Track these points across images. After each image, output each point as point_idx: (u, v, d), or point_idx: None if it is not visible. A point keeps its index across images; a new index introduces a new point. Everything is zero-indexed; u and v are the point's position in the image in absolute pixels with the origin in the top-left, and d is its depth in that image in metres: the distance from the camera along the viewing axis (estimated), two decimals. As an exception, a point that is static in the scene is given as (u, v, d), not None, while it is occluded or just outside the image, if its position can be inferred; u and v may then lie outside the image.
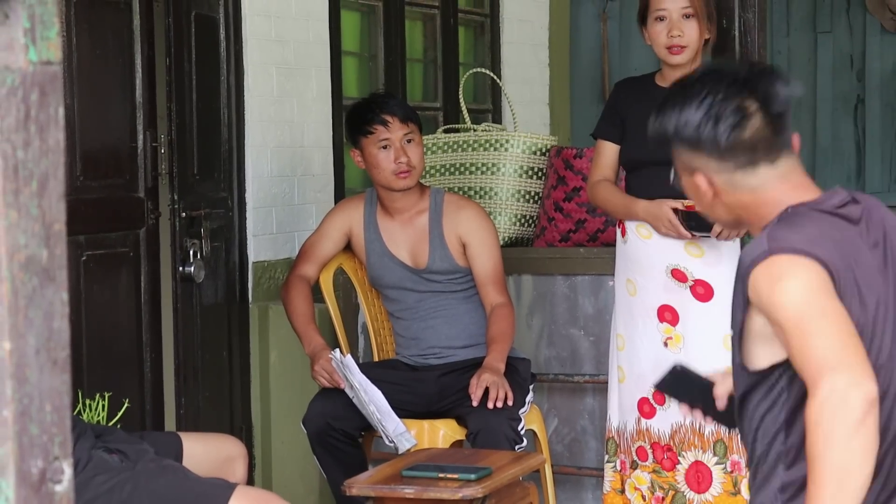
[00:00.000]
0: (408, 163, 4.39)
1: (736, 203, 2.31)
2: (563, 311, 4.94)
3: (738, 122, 2.24)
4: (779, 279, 2.15)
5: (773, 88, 2.26)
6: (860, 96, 7.90)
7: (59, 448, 1.90)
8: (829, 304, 2.13)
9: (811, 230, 2.20)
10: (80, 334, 4.21)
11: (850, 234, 2.24)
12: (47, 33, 1.78)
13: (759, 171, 2.27)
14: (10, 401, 1.80)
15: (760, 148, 2.26)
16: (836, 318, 2.12)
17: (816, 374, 2.07)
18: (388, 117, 4.41)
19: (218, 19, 4.91)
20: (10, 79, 1.81)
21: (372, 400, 4.19)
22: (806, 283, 2.14)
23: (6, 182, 1.80)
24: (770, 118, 2.26)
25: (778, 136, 2.27)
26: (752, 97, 2.25)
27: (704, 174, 2.30)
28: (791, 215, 2.25)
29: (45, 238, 1.84)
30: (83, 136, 4.29)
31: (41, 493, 1.83)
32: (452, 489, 3.50)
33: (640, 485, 4.16)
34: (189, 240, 4.71)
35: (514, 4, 6.71)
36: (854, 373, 2.06)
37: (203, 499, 3.24)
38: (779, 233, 2.20)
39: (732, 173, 2.28)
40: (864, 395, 2.04)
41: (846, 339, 2.10)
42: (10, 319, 1.80)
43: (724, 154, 2.26)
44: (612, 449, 4.23)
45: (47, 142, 1.84)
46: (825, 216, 2.25)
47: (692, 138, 2.28)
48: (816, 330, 2.11)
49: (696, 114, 2.26)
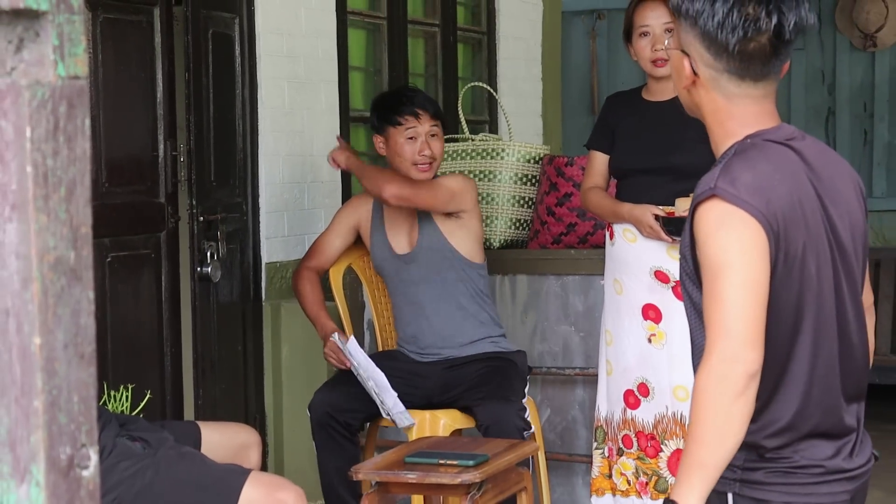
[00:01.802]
0: (430, 156, 4.39)
1: (708, 101, 2.24)
2: (556, 308, 4.94)
3: (748, 35, 2.17)
4: (716, 229, 2.11)
5: (795, 14, 2.18)
6: (831, 108, 7.90)
7: (86, 436, 1.90)
8: (749, 268, 2.08)
9: (763, 166, 2.15)
10: (106, 330, 4.21)
11: (797, 166, 2.20)
12: (75, 50, 1.78)
13: (744, 83, 2.21)
14: (41, 392, 1.80)
15: (755, 64, 2.20)
16: (749, 286, 2.08)
17: (713, 335, 2.09)
18: (420, 110, 4.41)
19: (233, 37, 4.91)
20: (41, 92, 1.81)
21: (371, 377, 4.19)
22: (736, 242, 2.09)
23: (36, 188, 1.80)
24: (776, 42, 2.19)
25: (775, 59, 2.21)
26: (773, 14, 2.17)
27: (694, 60, 2.23)
28: (748, 147, 2.19)
29: (73, 240, 1.84)
30: (108, 146, 4.30)
31: (69, 477, 1.83)
32: (452, 475, 3.50)
33: (625, 470, 4.17)
34: (206, 242, 4.71)
35: (510, 23, 6.71)
36: (744, 346, 2.06)
37: (220, 483, 3.23)
38: (732, 169, 2.14)
39: (720, 73, 2.21)
40: (746, 370, 2.06)
41: (750, 310, 2.08)
42: (40, 316, 1.80)
43: (723, 55, 2.19)
44: (601, 437, 4.24)
45: (75, 151, 1.84)
46: (778, 146, 2.20)
47: (703, 27, 2.19)
48: (727, 293, 2.08)
49: (721, 8, 2.17)
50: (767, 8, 2.17)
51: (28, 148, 1.75)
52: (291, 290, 5.09)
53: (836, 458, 2.22)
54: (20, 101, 1.74)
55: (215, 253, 4.72)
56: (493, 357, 4.41)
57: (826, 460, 2.20)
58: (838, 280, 2.21)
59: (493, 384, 4.25)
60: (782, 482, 2.18)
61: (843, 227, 2.22)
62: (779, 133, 2.22)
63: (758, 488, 2.19)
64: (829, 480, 2.20)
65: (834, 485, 2.21)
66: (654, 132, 4.07)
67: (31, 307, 1.76)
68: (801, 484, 2.19)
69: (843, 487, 2.22)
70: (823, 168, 2.24)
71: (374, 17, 5.87)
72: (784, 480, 2.18)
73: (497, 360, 4.39)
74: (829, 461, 2.20)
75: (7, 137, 1.77)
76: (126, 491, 3.21)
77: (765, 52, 2.19)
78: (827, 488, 2.20)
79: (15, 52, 1.75)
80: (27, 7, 1.73)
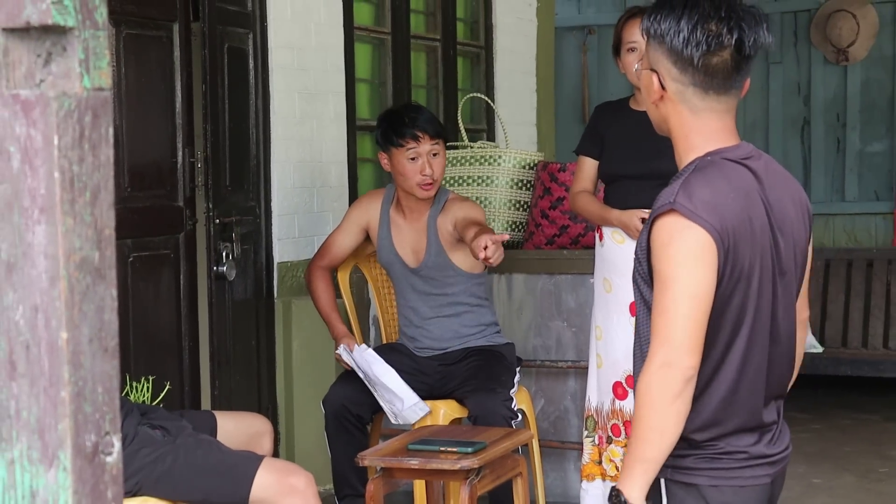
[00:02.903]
0: (431, 175, 4.34)
1: (674, 114, 2.25)
2: (549, 305, 4.94)
3: (711, 49, 2.18)
4: (670, 240, 2.13)
5: (754, 32, 2.19)
6: (806, 118, 7.89)
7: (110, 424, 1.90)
8: (696, 282, 2.11)
9: (720, 183, 2.16)
10: (128, 325, 4.21)
11: (751, 186, 2.21)
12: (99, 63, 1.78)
13: (708, 97, 2.21)
14: (67, 383, 1.80)
15: (718, 77, 2.20)
16: (693, 299, 2.11)
17: (657, 342, 2.13)
18: (420, 133, 4.35)
19: (247, 51, 4.91)
20: (67, 103, 1.81)
21: (380, 381, 4.18)
22: (687, 256, 2.12)
23: (63, 193, 1.80)
24: (738, 57, 2.20)
25: (736, 74, 2.21)
26: (734, 31, 2.18)
27: (661, 76, 2.24)
28: (707, 164, 2.20)
29: (97, 242, 1.84)
30: (130, 153, 4.30)
31: (94, 463, 1.83)
32: (452, 461, 3.50)
33: (614, 457, 4.16)
34: (222, 243, 4.71)
35: (506, 38, 6.71)
36: (683, 354, 2.11)
37: (235, 469, 3.24)
38: (690, 185, 2.16)
39: (686, 87, 2.21)
40: (683, 375, 2.11)
41: (691, 321, 2.11)
42: (67, 313, 1.80)
43: (688, 70, 2.20)
44: (591, 425, 4.23)
45: (99, 158, 1.84)
46: (735, 165, 2.21)
47: (670, 44, 2.21)
48: (673, 304, 2.11)
49: (685, 24, 2.19)
50: (728, 25, 2.18)
51: (56, 155, 1.75)
52: (302, 288, 5.10)
53: (759, 444, 2.25)
54: (48, 111, 1.74)
55: (230, 253, 4.72)
56: (483, 350, 4.42)
57: (749, 447, 2.24)
58: (776, 295, 2.24)
59: (482, 377, 4.25)
60: (709, 467, 2.22)
61: (786, 246, 2.25)
62: (737, 152, 2.24)
63: (687, 473, 2.22)
64: (752, 465, 2.24)
65: (756, 469, 2.25)
66: (640, 140, 4.06)
67: (58, 304, 1.77)
68: (727, 469, 2.22)
69: (764, 472, 2.26)
70: (774, 188, 2.26)
71: (379, 33, 5.87)
72: (711, 465, 2.22)
73: (486, 354, 4.40)
74: (752, 447, 2.24)
75: (36, 145, 1.77)
76: (147, 476, 3.21)
77: (727, 66, 2.20)
78: (750, 472, 2.24)
79: (43, 65, 1.75)
80: (55, 23, 1.73)
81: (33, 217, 1.75)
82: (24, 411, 1.79)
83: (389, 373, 4.20)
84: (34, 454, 1.80)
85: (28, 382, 1.78)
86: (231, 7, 4.79)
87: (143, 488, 3.20)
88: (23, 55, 1.72)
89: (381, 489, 3.60)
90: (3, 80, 1.73)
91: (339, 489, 4.32)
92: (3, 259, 1.77)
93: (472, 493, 3.50)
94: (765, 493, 2.26)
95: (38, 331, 1.76)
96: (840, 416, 6.45)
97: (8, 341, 1.79)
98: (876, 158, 7.73)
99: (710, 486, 2.21)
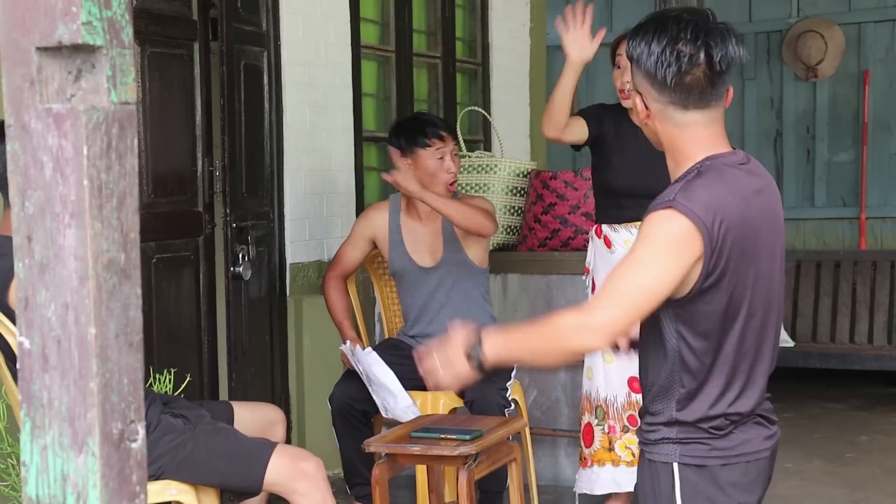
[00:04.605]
0: (455, 174, 4.36)
1: (663, 131, 2.23)
2: (542, 303, 4.94)
3: (683, 69, 2.16)
4: (655, 230, 2.10)
5: (723, 48, 2.17)
6: (779, 131, 7.90)
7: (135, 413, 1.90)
8: (661, 275, 2.08)
9: (719, 187, 2.14)
10: (151, 322, 4.21)
11: (748, 190, 2.19)
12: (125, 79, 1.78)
13: (689, 112, 2.19)
14: (95, 375, 1.80)
15: (694, 94, 2.18)
16: (650, 292, 2.07)
17: (597, 303, 2.09)
18: (444, 133, 4.36)
19: (262, 68, 4.91)
20: (96, 116, 1.81)
21: (378, 381, 4.16)
22: (665, 240, 2.09)
23: (92, 199, 1.79)
24: (711, 73, 2.17)
25: (713, 89, 2.18)
26: (704, 49, 2.16)
27: (644, 97, 2.22)
28: (707, 169, 2.17)
29: (123, 244, 1.84)
30: (154, 162, 4.29)
31: (120, 449, 1.83)
32: (451, 447, 3.50)
33: (630, 444, 4.12)
34: (238, 245, 4.70)
35: (501, 56, 6.71)
36: (602, 336, 2.07)
37: (250, 454, 3.23)
38: (692, 187, 2.14)
39: (666, 106, 2.19)
40: (586, 348, 2.11)
41: (635, 311, 2.08)
42: (95, 310, 1.80)
43: (665, 90, 2.18)
44: (601, 415, 4.17)
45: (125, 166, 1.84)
46: (733, 170, 2.19)
47: (644, 67, 2.19)
48: (632, 285, 2.08)
49: (656, 48, 2.17)
50: (696, 44, 2.15)
51: (85, 164, 1.75)
52: (312, 287, 5.10)
53: (758, 425, 2.25)
54: (78, 124, 1.74)
55: (246, 255, 4.72)
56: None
57: (750, 427, 2.23)
58: (772, 289, 2.23)
59: None
60: (717, 448, 2.20)
61: (777, 243, 2.25)
62: (733, 158, 2.22)
63: (697, 457, 2.20)
64: (754, 443, 2.23)
65: (758, 444, 2.24)
66: (640, 155, 3.93)
67: (87, 302, 1.76)
68: (732, 448, 2.21)
69: (764, 446, 2.25)
70: (764, 190, 2.25)
71: (383, 51, 5.87)
72: (718, 447, 2.21)
73: None
74: (752, 428, 2.24)
75: (67, 155, 1.77)
76: (169, 461, 3.21)
77: (701, 83, 2.17)
78: (752, 448, 2.23)
79: (74, 81, 1.75)
80: (85, 43, 1.73)
81: (64, 221, 1.75)
82: (55, 401, 1.78)
83: (388, 374, 4.19)
84: (65, 440, 1.80)
85: (59, 374, 1.78)
86: (247, 27, 4.79)
87: (166, 472, 3.20)
88: (55, 72, 1.72)
89: (386, 473, 3.60)
90: (36, 95, 1.73)
91: (350, 478, 4.32)
92: (36, 260, 1.77)
93: (470, 477, 3.50)
94: (766, 467, 2.26)
95: (68, 326, 1.76)
96: (810, 406, 6.45)
97: (41, 336, 1.79)
98: (843, 168, 7.73)
99: (720, 465, 2.20)
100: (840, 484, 4.96)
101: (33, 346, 1.81)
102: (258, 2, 4.89)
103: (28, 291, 1.79)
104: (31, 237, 1.77)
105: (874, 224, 7.60)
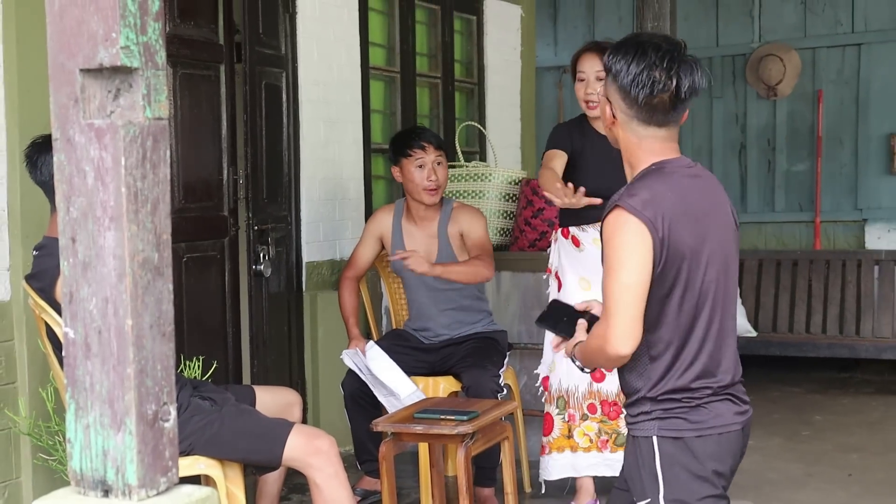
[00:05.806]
0: (436, 181, 4.29)
1: (623, 138, 2.28)
2: (531, 297, 4.93)
3: (654, 92, 2.20)
4: (614, 233, 2.17)
5: (690, 79, 2.21)
6: (743, 144, 7.90)
7: (167, 396, 1.90)
8: (635, 271, 2.15)
9: (658, 186, 2.19)
10: (182, 314, 4.20)
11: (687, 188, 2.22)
12: (159, 97, 1.78)
13: (650, 128, 2.24)
14: (132, 362, 1.80)
15: (658, 114, 2.22)
16: (631, 286, 2.15)
17: (602, 315, 2.22)
18: (426, 143, 4.30)
19: (281, 87, 4.90)
20: (132, 130, 1.81)
21: (379, 383, 4.14)
22: (627, 244, 2.16)
23: (129, 204, 1.80)
24: (676, 99, 2.21)
25: (674, 112, 2.23)
26: (673, 79, 2.19)
27: (613, 106, 2.27)
28: (649, 172, 2.23)
29: (157, 245, 1.84)
30: (184, 171, 4.29)
31: (154, 428, 1.83)
32: (451, 427, 3.49)
33: (588, 431, 4.05)
34: (260, 246, 4.70)
35: (495, 76, 6.70)
36: (618, 342, 2.17)
37: (271, 433, 3.23)
38: (633, 188, 2.20)
39: (631, 119, 2.24)
40: (613, 358, 2.21)
41: (631, 307, 2.16)
42: (132, 303, 1.80)
43: (634, 106, 2.22)
44: (562, 405, 4.09)
45: (158, 175, 1.84)
46: (673, 172, 2.23)
47: (620, 82, 2.22)
48: (617, 288, 2.16)
49: (634, 69, 2.20)
50: (669, 73, 2.19)
51: (122, 173, 1.75)
52: (326, 283, 5.10)
53: (729, 399, 2.27)
54: (117, 137, 1.74)
55: (266, 254, 4.71)
56: (480, 336, 4.40)
57: (722, 401, 2.25)
58: (728, 269, 2.26)
59: (476, 356, 4.23)
60: (692, 420, 2.23)
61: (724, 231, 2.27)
62: (679, 163, 2.26)
63: (674, 430, 2.22)
64: (726, 415, 2.24)
65: (730, 418, 2.25)
66: (602, 158, 3.87)
67: (124, 296, 1.77)
68: (706, 420, 2.22)
69: (735, 420, 2.26)
70: (706, 189, 2.27)
71: (390, 72, 5.86)
72: (693, 419, 2.23)
73: (482, 338, 4.38)
74: (724, 402, 2.26)
75: (107, 165, 1.77)
76: (198, 439, 3.20)
77: (665, 106, 2.21)
78: (723, 421, 2.24)
79: (113, 99, 1.75)
80: (123, 65, 1.73)
81: (104, 224, 1.75)
82: (97, 385, 1.79)
83: (391, 368, 4.16)
84: (105, 420, 1.80)
85: (100, 361, 1.78)
86: (268, 51, 4.79)
87: (195, 449, 3.20)
88: (96, 91, 1.72)
89: (392, 450, 3.60)
90: (80, 111, 1.73)
91: (360, 455, 4.32)
92: (79, 259, 1.77)
93: (468, 454, 3.50)
94: (737, 439, 2.27)
95: (108, 318, 1.76)
96: (770, 389, 6.45)
97: (84, 327, 1.79)
98: (800, 177, 7.75)
99: (695, 437, 2.21)
100: (797, 459, 4.97)
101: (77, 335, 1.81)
102: (278, 28, 4.88)
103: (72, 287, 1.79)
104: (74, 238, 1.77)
105: (827, 227, 7.62)
